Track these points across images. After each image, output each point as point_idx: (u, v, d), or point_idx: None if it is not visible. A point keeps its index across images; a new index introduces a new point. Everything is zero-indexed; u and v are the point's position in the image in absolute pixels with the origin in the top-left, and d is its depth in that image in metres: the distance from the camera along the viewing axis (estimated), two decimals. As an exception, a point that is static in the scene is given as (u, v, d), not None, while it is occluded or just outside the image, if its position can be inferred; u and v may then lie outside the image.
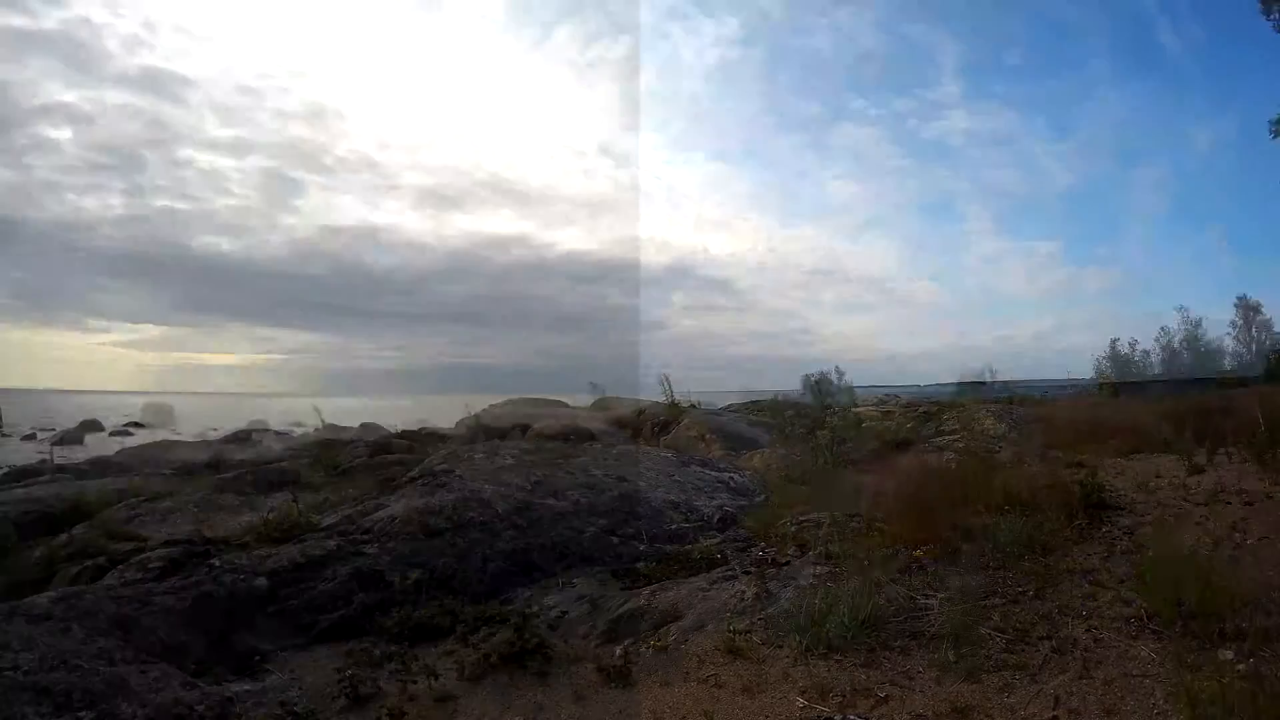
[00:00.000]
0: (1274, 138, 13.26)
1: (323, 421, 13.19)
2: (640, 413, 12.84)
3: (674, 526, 5.91)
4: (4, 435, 31.10)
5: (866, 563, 4.07)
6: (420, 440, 12.12)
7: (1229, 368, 15.28)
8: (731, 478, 7.77)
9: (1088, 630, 3.31)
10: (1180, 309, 16.31)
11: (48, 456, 13.63)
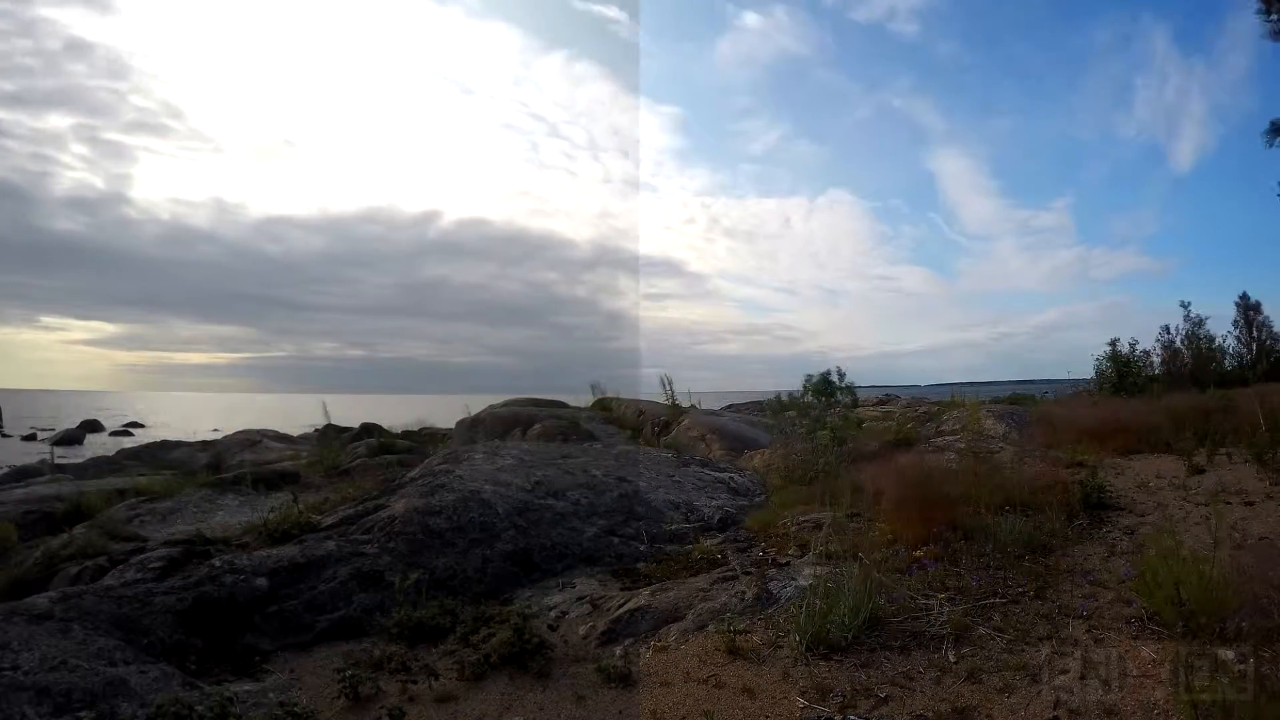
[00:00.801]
0: (1269, 146, 13.24)
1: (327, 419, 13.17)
2: (640, 413, 12.83)
3: (674, 527, 5.91)
4: (4, 435, 31.16)
5: (867, 563, 4.07)
6: (421, 440, 12.12)
7: (1228, 368, 15.27)
8: (732, 478, 7.77)
9: (1088, 630, 3.31)
10: (1183, 305, 16.25)
11: (47, 456, 13.62)
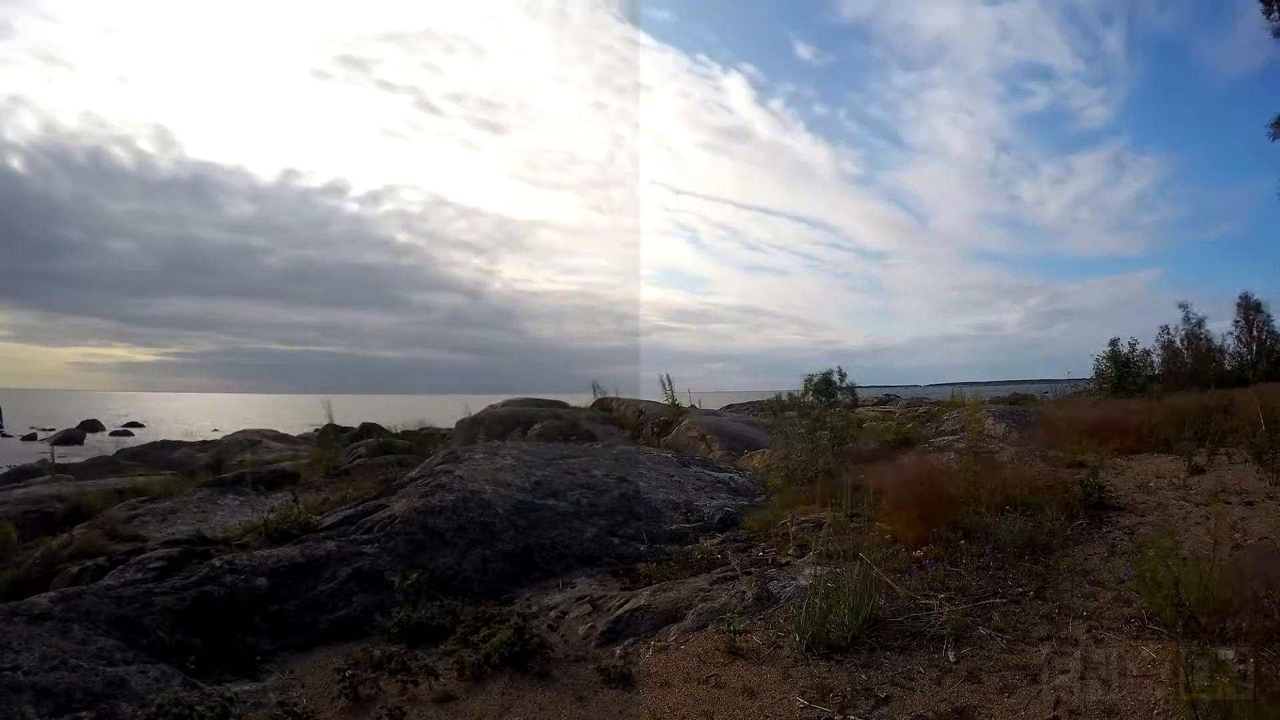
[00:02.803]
0: (1273, 139, 13.27)
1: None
2: (640, 413, 12.83)
3: (674, 527, 5.91)
4: (4, 435, 31.18)
5: (867, 563, 4.07)
6: (418, 439, 12.12)
7: (1228, 368, 15.28)
8: (732, 478, 7.77)
9: (1088, 630, 3.31)
10: (1182, 306, 16.26)
11: (47, 456, 13.63)
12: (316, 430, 13.98)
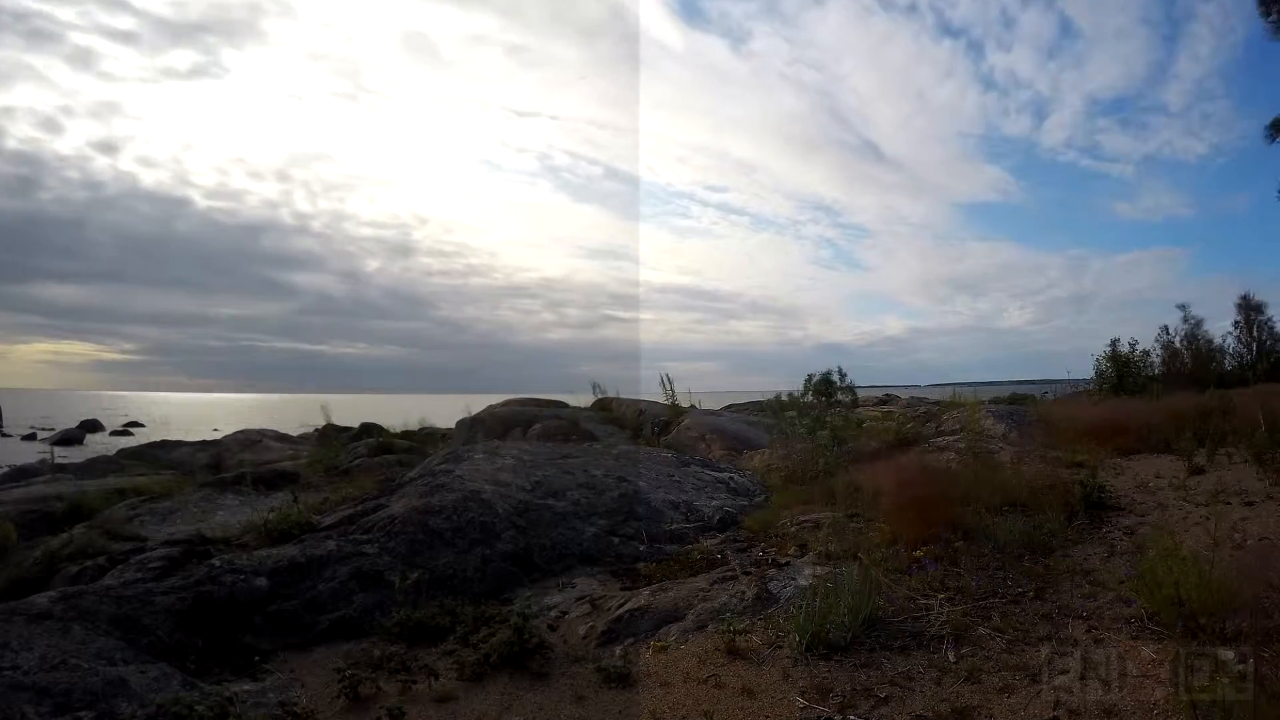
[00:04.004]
0: (1270, 142, 13.27)
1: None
2: (640, 413, 12.83)
3: (674, 527, 5.91)
4: (4, 435, 31.19)
5: (866, 563, 4.07)
6: (418, 439, 12.12)
7: (1228, 368, 15.27)
8: (732, 478, 7.77)
9: (1088, 630, 3.32)
10: (1181, 307, 16.27)
11: (47, 456, 13.62)
12: (316, 430, 13.99)
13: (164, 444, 14.43)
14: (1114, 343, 13.77)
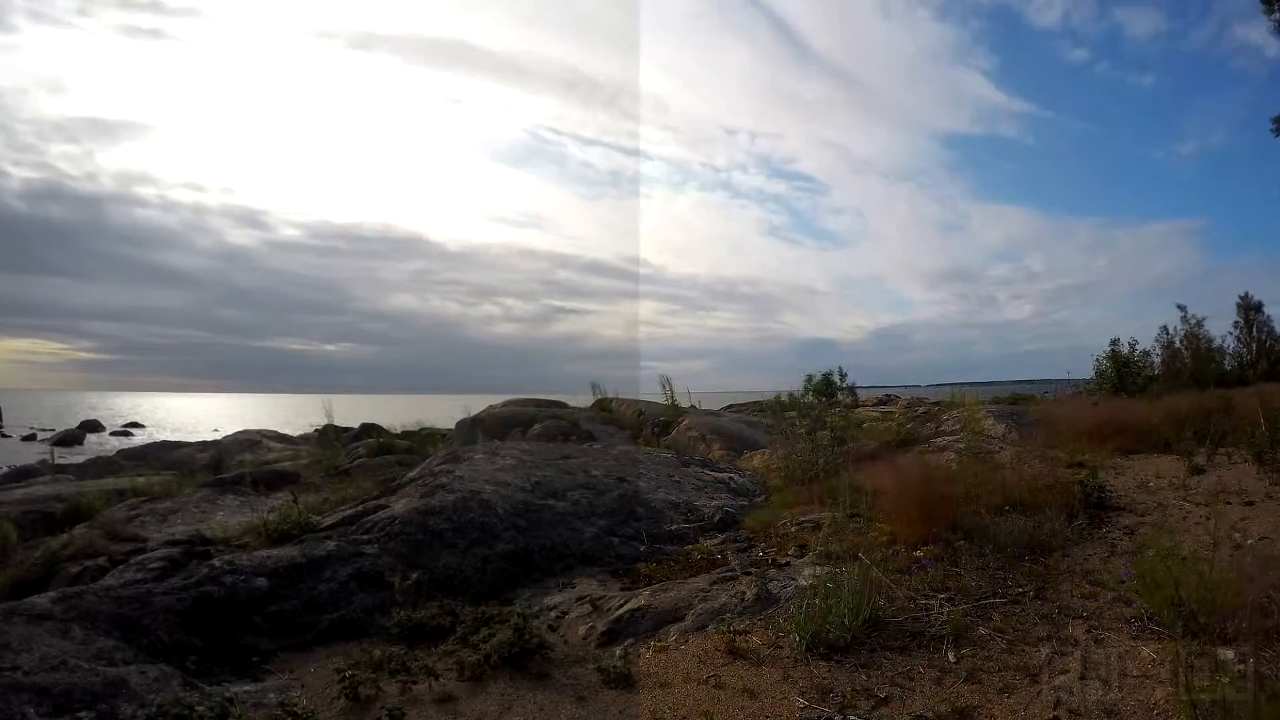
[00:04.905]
0: (1276, 135, 13.30)
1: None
2: (640, 413, 12.84)
3: (674, 527, 5.91)
4: (4, 435, 31.21)
5: (866, 563, 4.07)
6: (418, 440, 12.13)
7: (1228, 368, 15.29)
8: (731, 478, 7.77)
9: (1088, 630, 3.32)
10: (1181, 307, 16.28)
11: (48, 456, 13.63)
12: (316, 430, 14.00)
13: (164, 444, 14.45)
14: (1114, 343, 13.80)
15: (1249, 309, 16.38)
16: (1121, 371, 13.26)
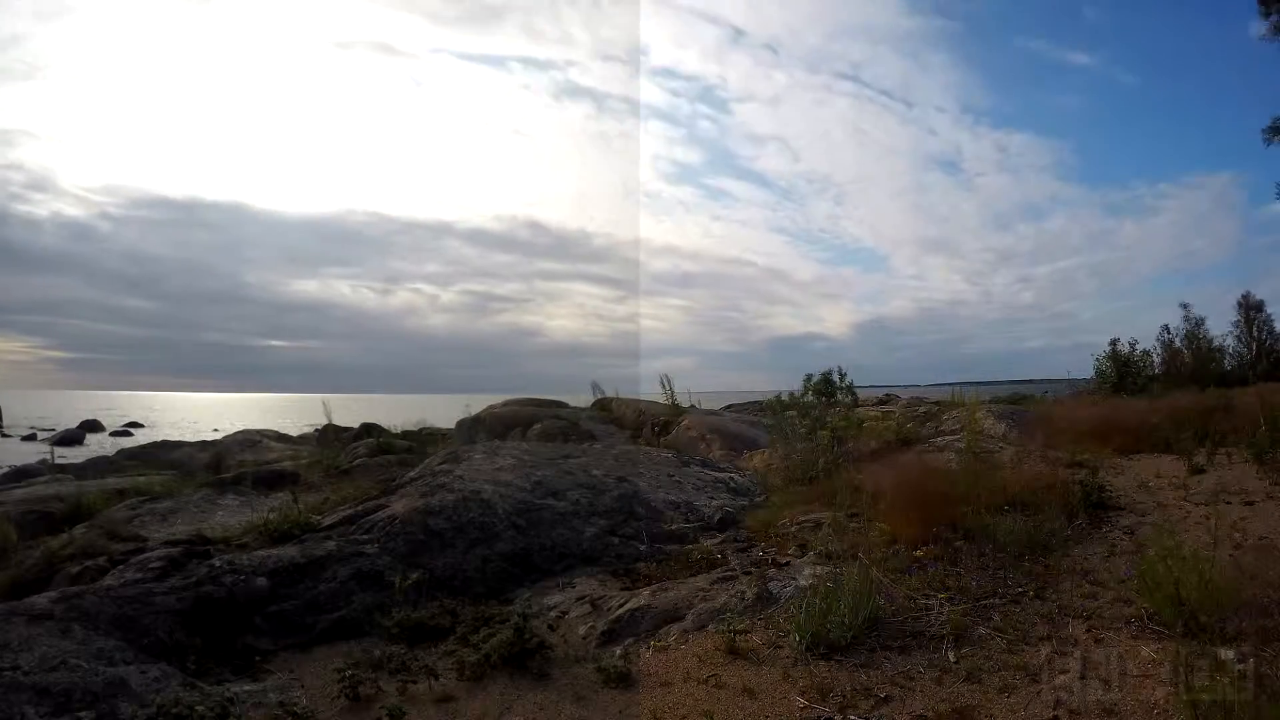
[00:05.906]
0: (1267, 144, 13.26)
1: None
2: (640, 413, 12.84)
3: (674, 527, 5.91)
4: (4, 435, 31.24)
5: (866, 563, 4.07)
6: (418, 440, 12.13)
7: (1228, 367, 15.29)
8: (731, 478, 7.77)
9: (1088, 630, 3.32)
10: (1183, 306, 16.29)
11: (48, 456, 13.63)
12: (316, 430, 14.00)
13: (164, 444, 14.43)
14: (1114, 342, 13.79)
15: (1249, 308, 16.37)
16: (1122, 371, 13.25)
